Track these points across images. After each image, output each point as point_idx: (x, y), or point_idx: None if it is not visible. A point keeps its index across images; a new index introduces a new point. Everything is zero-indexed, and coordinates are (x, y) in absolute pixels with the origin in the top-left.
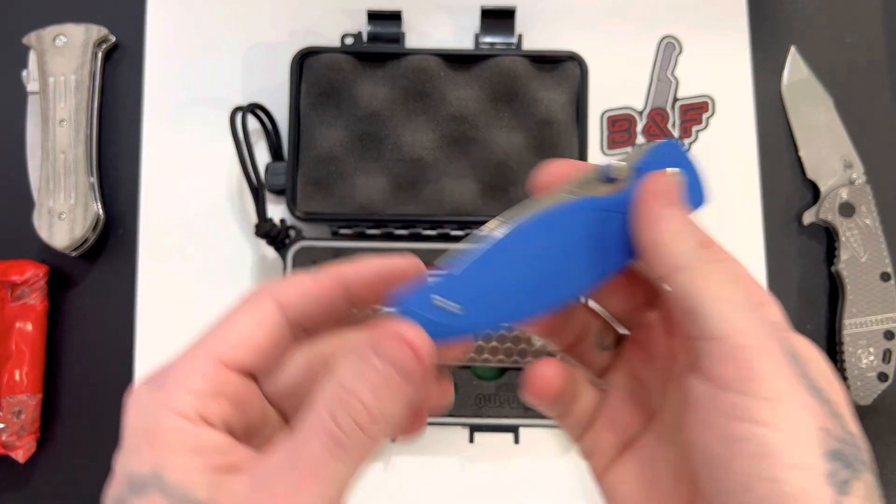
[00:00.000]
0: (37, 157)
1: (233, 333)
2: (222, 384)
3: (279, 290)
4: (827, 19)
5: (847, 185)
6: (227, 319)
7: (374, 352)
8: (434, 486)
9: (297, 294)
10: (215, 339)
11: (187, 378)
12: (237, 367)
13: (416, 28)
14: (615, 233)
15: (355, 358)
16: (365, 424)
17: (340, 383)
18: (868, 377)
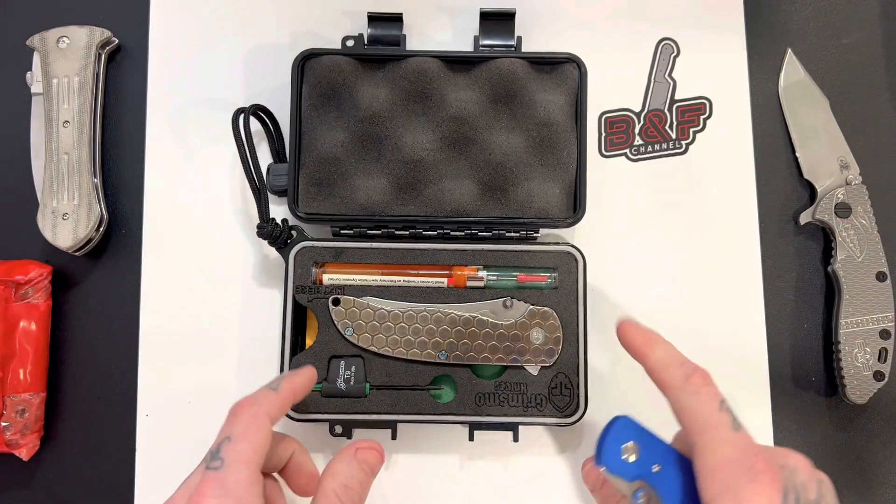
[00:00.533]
0: (41, 157)
1: (259, 446)
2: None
3: (272, 409)
4: (823, 21)
5: (843, 185)
6: (249, 431)
7: (356, 458)
8: (434, 485)
9: (279, 409)
10: (246, 467)
11: (245, 493)
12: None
13: (417, 30)
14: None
15: (345, 462)
16: (355, 500)
17: (341, 484)
18: (864, 376)
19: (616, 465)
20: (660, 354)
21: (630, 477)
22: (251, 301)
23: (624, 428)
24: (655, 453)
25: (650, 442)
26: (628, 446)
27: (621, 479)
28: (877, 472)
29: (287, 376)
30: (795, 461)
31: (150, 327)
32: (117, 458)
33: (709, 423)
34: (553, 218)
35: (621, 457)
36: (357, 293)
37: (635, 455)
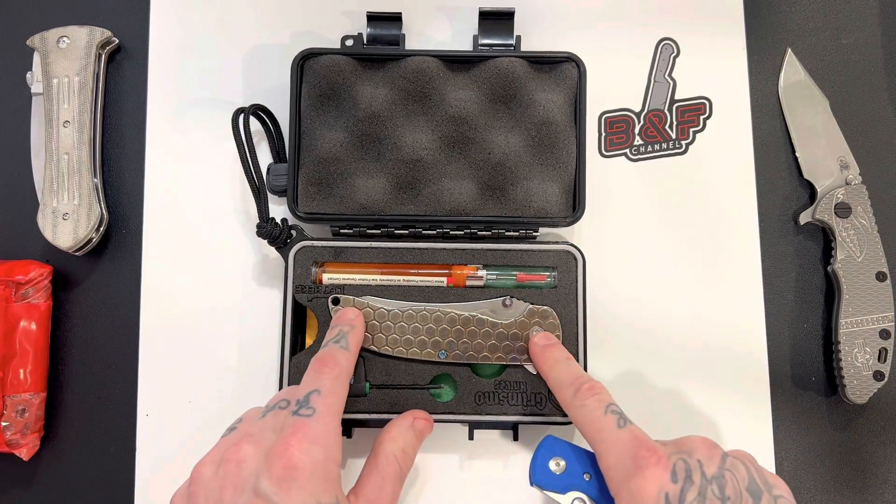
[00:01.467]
0: (41, 157)
1: (343, 402)
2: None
3: (350, 369)
4: (823, 21)
5: (843, 185)
6: (336, 387)
7: (413, 427)
8: (433, 484)
9: (351, 368)
10: (334, 419)
11: (335, 443)
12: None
13: (416, 30)
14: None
15: (403, 429)
16: (408, 466)
17: (401, 448)
18: (864, 376)
19: (546, 481)
20: (554, 377)
21: (562, 489)
22: (251, 301)
23: (549, 446)
24: (583, 463)
25: (577, 454)
26: (554, 461)
27: (556, 493)
28: (876, 472)
29: (350, 334)
30: (691, 443)
31: (150, 327)
32: (117, 457)
33: (596, 427)
34: (552, 217)
35: (550, 472)
36: (357, 292)
37: (562, 468)
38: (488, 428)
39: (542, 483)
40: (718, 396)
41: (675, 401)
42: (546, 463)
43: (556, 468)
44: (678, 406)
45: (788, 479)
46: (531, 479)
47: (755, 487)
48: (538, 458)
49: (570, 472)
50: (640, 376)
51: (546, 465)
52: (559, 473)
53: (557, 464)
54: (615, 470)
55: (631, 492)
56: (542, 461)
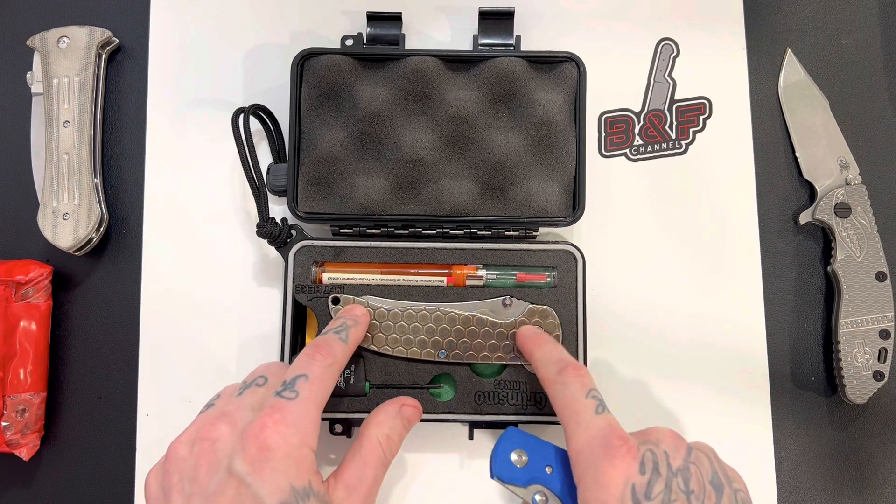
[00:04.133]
0: (41, 157)
1: (328, 393)
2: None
3: (343, 362)
4: (823, 21)
5: (843, 185)
6: (324, 376)
7: (400, 413)
8: (433, 483)
9: (345, 362)
10: (316, 407)
11: (312, 430)
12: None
13: (416, 30)
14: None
15: (390, 414)
16: (393, 452)
17: (386, 433)
18: (864, 376)
19: (507, 474)
20: (541, 353)
21: (523, 482)
22: (251, 300)
23: (510, 438)
24: (545, 457)
25: (538, 447)
26: (516, 454)
27: (516, 486)
28: (876, 472)
29: (352, 328)
30: (658, 434)
31: (149, 327)
32: (117, 458)
33: (574, 409)
34: (552, 217)
35: (511, 464)
36: (357, 292)
37: (524, 461)
38: (488, 427)
39: (502, 475)
40: (718, 396)
41: (675, 400)
42: (507, 455)
43: (517, 461)
44: (678, 405)
45: (788, 479)
46: (491, 471)
47: (717, 481)
48: (499, 450)
49: (532, 464)
50: (640, 376)
51: (507, 458)
52: (521, 466)
53: (520, 456)
54: (584, 455)
55: (597, 478)
56: (504, 453)
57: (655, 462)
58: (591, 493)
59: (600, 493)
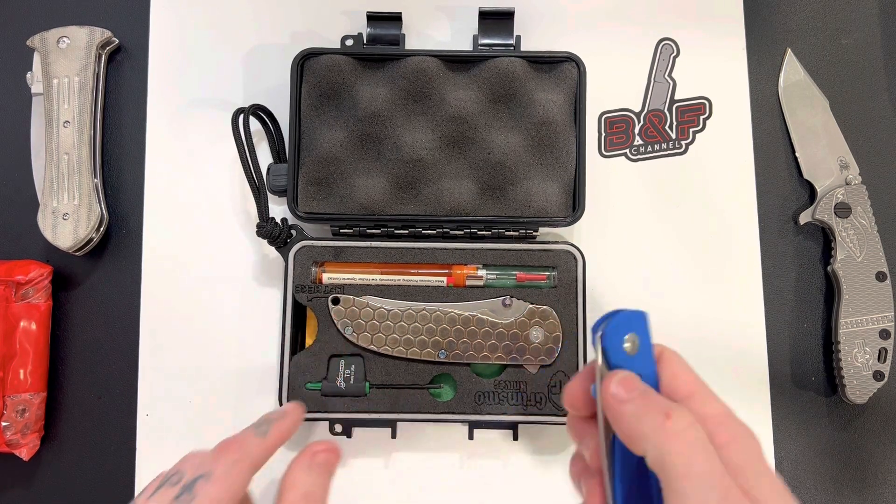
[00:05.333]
0: (41, 157)
1: (234, 493)
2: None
3: (257, 458)
4: (823, 21)
5: (843, 185)
6: (229, 476)
7: (315, 462)
8: (434, 483)
9: (264, 457)
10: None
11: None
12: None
13: (416, 30)
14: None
15: (303, 470)
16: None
17: (303, 494)
18: (864, 376)
19: (616, 354)
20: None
21: (613, 364)
22: (251, 300)
23: (634, 319)
24: (649, 362)
25: (649, 349)
26: (631, 338)
27: (604, 361)
28: (876, 472)
29: (276, 422)
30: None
31: (149, 327)
32: (118, 457)
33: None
34: (552, 217)
35: (621, 345)
36: (357, 292)
37: (634, 347)
38: (488, 428)
39: (612, 352)
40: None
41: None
42: (623, 332)
43: (629, 347)
44: None
45: (788, 479)
46: (601, 330)
47: None
48: (619, 320)
49: (640, 357)
50: None
51: (622, 335)
52: (631, 354)
53: (633, 343)
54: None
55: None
56: (619, 327)
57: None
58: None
59: None
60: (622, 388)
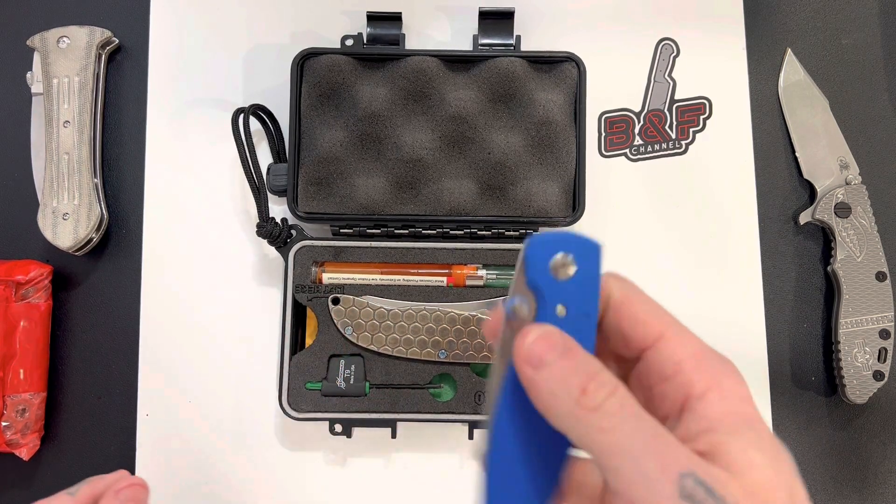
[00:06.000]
0: (41, 157)
1: None
2: None
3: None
4: (823, 21)
5: (843, 185)
6: None
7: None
8: (434, 483)
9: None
10: None
11: None
12: None
13: (416, 30)
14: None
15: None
16: None
17: None
18: (864, 376)
19: (540, 276)
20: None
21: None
22: (251, 300)
23: (566, 239)
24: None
25: (595, 272)
26: (564, 258)
27: (527, 289)
28: (876, 472)
29: (90, 481)
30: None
31: (150, 327)
32: (118, 457)
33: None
34: (552, 217)
35: (550, 266)
36: (356, 292)
37: (568, 273)
38: None
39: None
40: None
41: None
42: (553, 253)
43: (560, 271)
44: None
45: None
46: (527, 243)
47: None
48: (552, 240)
49: (575, 288)
50: None
51: (550, 254)
52: (560, 279)
53: (567, 266)
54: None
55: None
56: (546, 248)
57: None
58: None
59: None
60: (540, 345)
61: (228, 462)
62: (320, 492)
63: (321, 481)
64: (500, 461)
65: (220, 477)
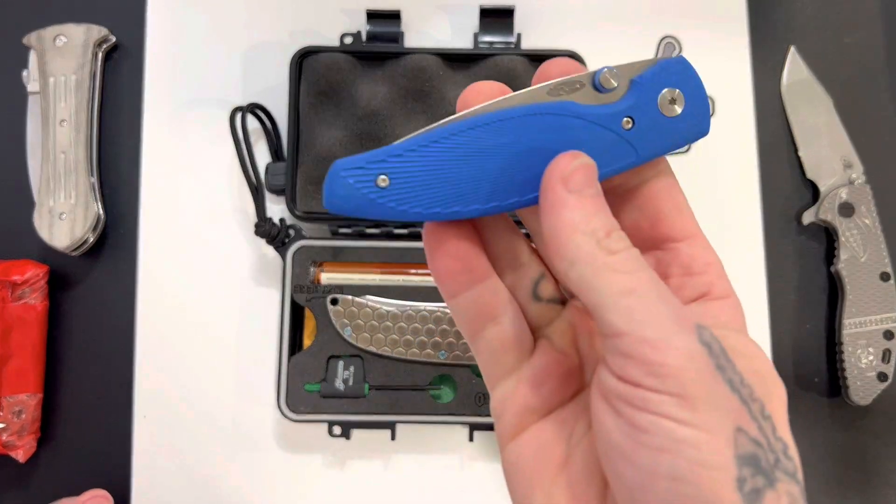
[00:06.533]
0: (37, 157)
1: None
2: None
3: None
4: (826, 20)
5: (846, 185)
6: None
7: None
8: (433, 486)
9: None
10: None
11: None
12: None
13: (415, 27)
14: (590, 149)
15: None
16: None
17: None
18: (868, 377)
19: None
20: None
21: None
22: (249, 301)
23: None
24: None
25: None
26: (672, 94)
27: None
28: (879, 473)
29: (61, 501)
30: None
31: (147, 328)
32: (115, 459)
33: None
34: None
35: (660, 97)
36: (356, 292)
37: (675, 111)
38: (489, 429)
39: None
40: None
41: None
42: (678, 84)
43: (667, 104)
44: None
45: None
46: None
47: None
48: (682, 68)
49: (680, 126)
50: None
51: (673, 83)
52: (657, 106)
53: (676, 102)
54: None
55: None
56: (679, 77)
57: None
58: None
59: None
60: (583, 173)
61: (226, 464)
62: (319, 494)
63: (319, 484)
64: (445, 152)
65: (217, 479)
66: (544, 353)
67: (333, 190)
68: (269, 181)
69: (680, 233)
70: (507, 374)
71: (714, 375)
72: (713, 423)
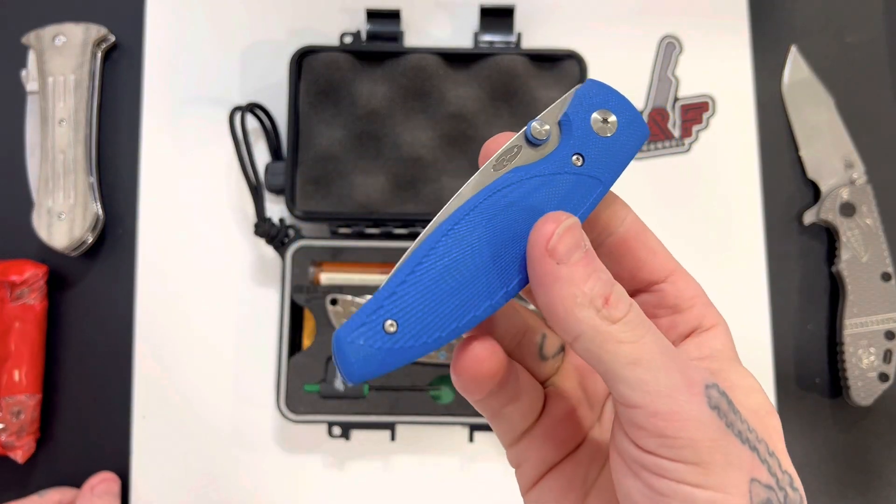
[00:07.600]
0: (36, 156)
1: None
2: None
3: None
4: (828, 19)
5: (848, 184)
6: None
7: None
8: (433, 486)
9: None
10: None
11: None
12: None
13: (415, 26)
14: (559, 200)
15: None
16: None
17: None
18: (869, 377)
19: (582, 125)
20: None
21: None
22: (248, 301)
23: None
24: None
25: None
26: (604, 115)
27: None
28: (880, 474)
29: (60, 488)
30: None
31: (145, 328)
32: (113, 460)
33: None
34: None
35: (593, 118)
36: (355, 293)
37: (609, 130)
38: (489, 430)
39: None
40: None
41: None
42: (603, 102)
43: (600, 124)
44: None
45: None
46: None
47: None
48: (601, 90)
49: (613, 147)
50: None
51: (599, 105)
52: (602, 135)
53: (608, 121)
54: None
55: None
56: (602, 96)
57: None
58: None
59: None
60: (568, 239)
61: (225, 464)
62: (318, 495)
63: (319, 484)
64: (429, 272)
65: (216, 480)
66: (555, 405)
67: (347, 359)
68: (269, 181)
69: (660, 274)
70: (523, 435)
71: (725, 435)
72: (729, 482)
